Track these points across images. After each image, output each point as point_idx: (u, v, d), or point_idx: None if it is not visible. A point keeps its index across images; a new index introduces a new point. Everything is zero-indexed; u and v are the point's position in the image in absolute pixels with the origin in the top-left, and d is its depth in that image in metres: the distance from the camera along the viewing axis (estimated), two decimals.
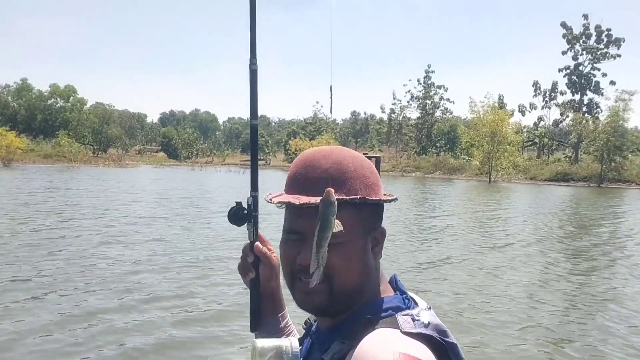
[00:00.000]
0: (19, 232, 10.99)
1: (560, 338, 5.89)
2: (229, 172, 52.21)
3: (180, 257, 9.24)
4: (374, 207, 0.95)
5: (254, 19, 1.16)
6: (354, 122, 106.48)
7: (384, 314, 0.89)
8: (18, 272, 7.65)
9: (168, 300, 6.61)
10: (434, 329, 0.85)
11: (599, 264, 10.39)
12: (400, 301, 0.92)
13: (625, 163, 49.82)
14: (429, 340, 0.84)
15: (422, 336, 0.84)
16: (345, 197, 0.89)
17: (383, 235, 0.97)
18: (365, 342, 0.82)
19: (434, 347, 0.84)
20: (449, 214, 19.01)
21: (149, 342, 5.25)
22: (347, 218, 0.89)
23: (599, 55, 63.14)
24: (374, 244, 0.95)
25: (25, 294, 6.64)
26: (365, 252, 0.93)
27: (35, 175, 31.52)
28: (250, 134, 1.18)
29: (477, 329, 6.00)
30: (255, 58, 1.16)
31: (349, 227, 0.89)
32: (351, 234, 0.90)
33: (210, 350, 5.19)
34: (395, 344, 0.80)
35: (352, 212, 0.90)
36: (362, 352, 0.80)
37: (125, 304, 6.39)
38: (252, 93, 1.15)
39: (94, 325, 5.59)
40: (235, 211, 1.11)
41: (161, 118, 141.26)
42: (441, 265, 9.57)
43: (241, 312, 6.06)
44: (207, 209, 17.40)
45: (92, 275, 7.63)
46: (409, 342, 0.82)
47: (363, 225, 0.93)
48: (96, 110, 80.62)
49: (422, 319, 0.86)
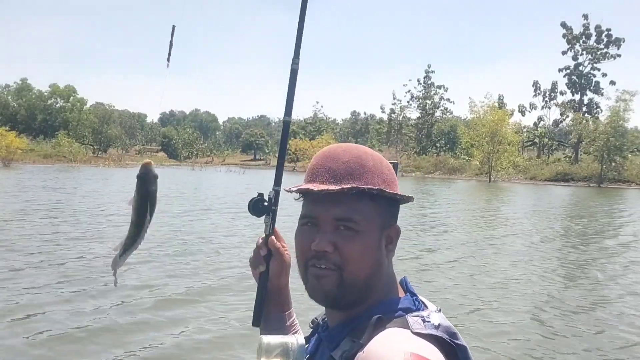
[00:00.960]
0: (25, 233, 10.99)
1: (559, 338, 5.88)
2: (229, 172, 52.21)
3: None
4: (391, 203, 0.96)
5: (302, 21, 1.18)
6: (354, 122, 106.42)
7: (395, 314, 0.89)
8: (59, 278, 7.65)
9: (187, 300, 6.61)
10: (445, 331, 0.86)
11: (599, 264, 10.38)
12: (410, 302, 0.92)
13: (625, 163, 49.88)
14: (439, 342, 0.84)
15: (432, 337, 0.84)
16: (364, 187, 0.91)
17: (397, 234, 0.98)
18: (376, 341, 0.82)
19: (444, 349, 0.84)
20: (449, 214, 19.00)
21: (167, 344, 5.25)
22: (365, 209, 0.91)
23: (599, 55, 63.20)
24: (388, 242, 0.95)
25: (68, 304, 6.64)
26: (379, 247, 0.93)
27: (36, 175, 31.51)
28: (282, 130, 1.19)
29: (477, 328, 6.00)
30: (297, 58, 1.18)
31: (366, 218, 0.91)
32: (368, 226, 0.92)
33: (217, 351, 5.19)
34: (406, 344, 0.80)
35: (369, 204, 0.92)
36: (372, 351, 0.80)
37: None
38: (290, 91, 1.18)
39: (96, 323, 5.59)
40: (255, 202, 1.12)
41: (161, 118, 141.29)
42: (440, 265, 9.56)
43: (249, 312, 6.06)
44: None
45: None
46: (419, 342, 0.81)
47: (379, 219, 0.94)
48: (96, 110, 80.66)
49: (433, 321, 0.86)
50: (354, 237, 0.91)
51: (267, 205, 1.13)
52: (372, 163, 0.95)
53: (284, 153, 1.18)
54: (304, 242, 0.94)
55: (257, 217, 1.12)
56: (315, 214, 0.94)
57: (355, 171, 0.93)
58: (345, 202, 0.91)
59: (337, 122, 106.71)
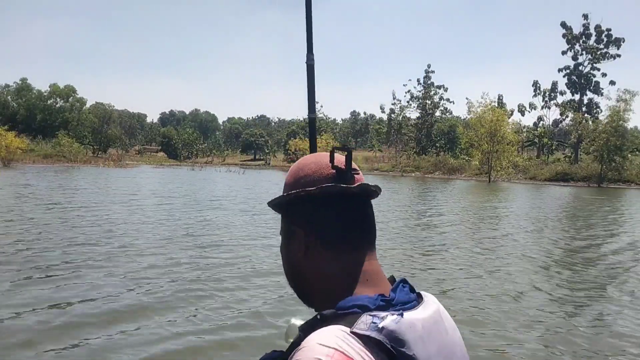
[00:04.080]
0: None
1: (559, 336, 5.89)
2: (229, 172, 52.21)
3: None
4: (291, 206, 0.95)
5: (309, 15, 1.17)
6: (353, 122, 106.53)
7: (346, 312, 0.83)
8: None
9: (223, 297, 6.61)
10: (387, 335, 0.79)
11: (598, 263, 10.39)
12: (371, 301, 0.84)
13: (625, 163, 49.89)
14: (379, 346, 0.78)
15: (371, 340, 0.78)
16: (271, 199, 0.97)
17: (303, 236, 0.92)
18: (310, 337, 0.79)
19: (384, 353, 0.78)
20: (448, 214, 19.01)
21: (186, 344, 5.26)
22: (282, 219, 0.98)
23: (598, 55, 63.20)
24: (307, 244, 0.92)
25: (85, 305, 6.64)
26: (290, 251, 0.95)
27: (36, 175, 31.52)
28: (308, 126, 1.21)
29: (477, 328, 6.01)
30: (311, 53, 1.16)
31: (283, 227, 0.97)
32: (283, 234, 0.97)
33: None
34: (331, 342, 0.76)
35: (282, 213, 0.97)
36: (303, 346, 0.78)
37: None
38: (309, 87, 1.16)
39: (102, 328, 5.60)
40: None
41: (161, 118, 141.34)
42: (440, 264, 9.57)
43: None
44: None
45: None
46: (348, 342, 0.77)
47: (285, 226, 0.97)
48: (96, 110, 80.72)
49: (381, 323, 0.79)
50: (281, 245, 0.98)
51: None
52: (291, 173, 0.98)
53: (315, 150, 1.17)
54: None
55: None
56: None
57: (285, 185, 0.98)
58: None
59: (337, 122, 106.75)
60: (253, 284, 7.50)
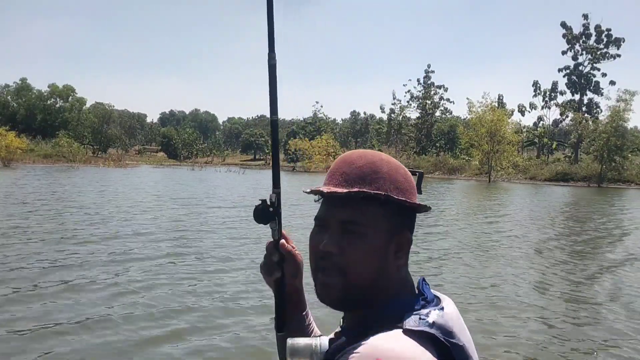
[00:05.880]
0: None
1: (558, 335, 5.88)
2: (229, 172, 52.18)
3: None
4: (402, 210, 0.96)
5: (271, 12, 1.11)
6: (353, 122, 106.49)
7: (396, 314, 0.89)
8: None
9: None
10: (439, 329, 0.85)
11: (598, 262, 10.38)
12: (414, 302, 0.92)
13: (625, 163, 49.87)
14: (432, 340, 0.84)
15: (424, 335, 0.84)
16: (370, 191, 0.92)
17: (409, 242, 0.98)
18: (369, 341, 0.83)
19: (438, 346, 0.84)
20: (448, 213, 19.00)
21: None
22: (372, 214, 0.92)
23: (598, 55, 63.20)
24: (397, 249, 0.95)
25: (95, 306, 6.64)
26: (385, 252, 0.94)
27: (37, 175, 31.50)
28: (271, 130, 1.14)
29: (477, 328, 6.00)
30: (273, 52, 1.10)
31: (372, 222, 0.92)
32: (374, 230, 0.92)
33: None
34: (382, 347, 0.81)
35: (378, 209, 0.93)
36: (360, 350, 0.82)
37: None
38: (271, 88, 1.10)
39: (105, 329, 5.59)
40: (262, 209, 1.07)
41: (161, 118, 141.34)
42: (439, 264, 9.57)
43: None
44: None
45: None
46: (401, 344, 0.82)
47: (387, 225, 0.94)
48: (96, 110, 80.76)
49: (429, 319, 0.86)
50: (358, 241, 0.92)
51: (272, 210, 1.08)
52: (387, 169, 0.96)
53: (277, 153, 1.13)
54: (314, 243, 0.96)
55: (264, 224, 1.07)
56: (323, 216, 0.96)
57: (367, 176, 0.94)
58: (351, 205, 0.93)
59: (337, 122, 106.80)
60: (252, 286, 7.49)
